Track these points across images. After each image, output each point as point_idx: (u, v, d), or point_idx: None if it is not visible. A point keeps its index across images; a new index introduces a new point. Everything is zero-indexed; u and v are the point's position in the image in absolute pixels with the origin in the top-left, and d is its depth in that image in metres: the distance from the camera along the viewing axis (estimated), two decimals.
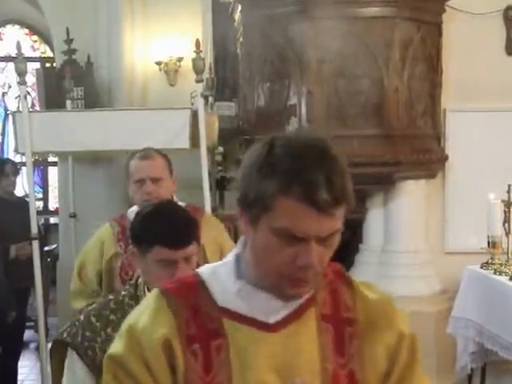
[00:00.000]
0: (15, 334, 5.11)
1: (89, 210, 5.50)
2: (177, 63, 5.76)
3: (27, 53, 8.65)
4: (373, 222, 5.00)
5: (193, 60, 4.39)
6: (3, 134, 9.69)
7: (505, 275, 4.13)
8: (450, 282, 4.78)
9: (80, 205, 5.53)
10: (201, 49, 4.43)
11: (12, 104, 9.47)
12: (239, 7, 4.95)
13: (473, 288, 4.37)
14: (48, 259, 6.56)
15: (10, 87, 9.71)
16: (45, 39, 9.56)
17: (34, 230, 4.43)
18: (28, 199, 4.87)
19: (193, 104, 4.96)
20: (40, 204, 9.41)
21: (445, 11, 4.89)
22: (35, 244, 4.41)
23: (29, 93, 9.91)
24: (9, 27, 9.76)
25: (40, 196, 9.64)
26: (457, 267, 4.59)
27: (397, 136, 4.60)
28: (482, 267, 4.32)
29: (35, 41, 9.95)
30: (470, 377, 4.47)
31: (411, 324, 1.38)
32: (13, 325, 4.77)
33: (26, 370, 5.87)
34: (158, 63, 5.81)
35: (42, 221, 8.12)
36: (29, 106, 4.83)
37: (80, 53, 5.78)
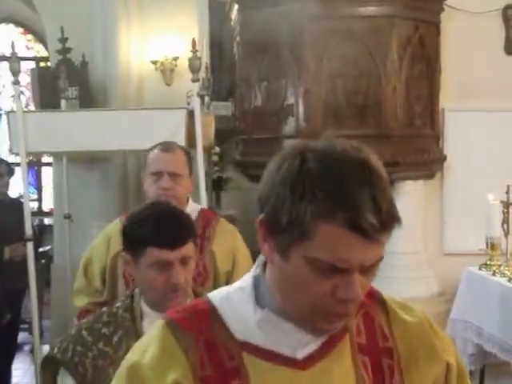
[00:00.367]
0: (9, 337, 5.12)
1: (84, 211, 5.49)
2: (173, 62, 5.75)
3: (21, 52, 8.64)
4: None
5: (189, 59, 4.40)
6: None
7: (504, 276, 4.14)
8: (449, 284, 4.78)
9: (75, 206, 5.52)
10: (197, 48, 4.43)
11: (6, 104, 9.46)
12: (236, 6, 4.96)
13: (471, 289, 4.38)
14: (42, 261, 6.56)
15: (4, 87, 9.70)
16: (39, 38, 9.57)
17: (29, 232, 4.42)
18: (22, 200, 4.87)
19: (189, 104, 4.95)
20: (34, 205, 9.41)
21: (443, 10, 4.91)
22: (29, 245, 4.40)
23: (23, 92, 9.90)
24: (3, 26, 9.76)
25: (34, 197, 9.64)
26: (455, 268, 4.61)
27: (395, 136, 4.61)
28: (481, 268, 4.33)
29: (29, 40, 9.95)
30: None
31: None
32: (7, 327, 4.77)
33: (20, 373, 5.86)
34: (154, 62, 5.80)
35: (37, 222, 8.11)
36: (23, 106, 4.82)
37: (75, 52, 5.76)
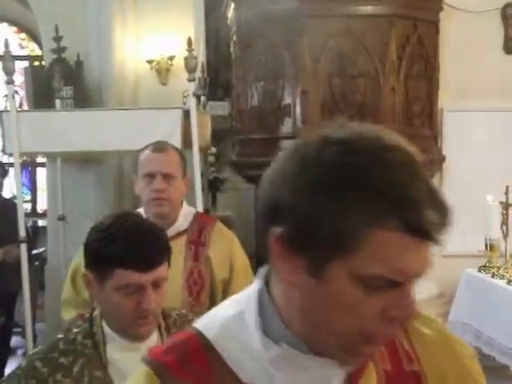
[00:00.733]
0: (2, 340, 5.12)
1: (78, 213, 5.48)
2: (168, 62, 5.75)
3: (15, 51, 8.64)
4: None
5: (185, 58, 4.40)
6: None
7: (503, 278, 4.15)
8: (447, 286, 4.79)
9: (69, 207, 5.52)
10: (193, 47, 4.43)
11: (0, 103, 9.47)
12: (232, 5, 4.97)
13: (470, 291, 4.39)
14: (36, 263, 6.55)
15: None
16: (33, 37, 9.56)
17: (22, 233, 4.41)
18: (16, 201, 4.87)
19: (185, 103, 4.96)
20: (28, 206, 9.41)
21: (442, 9, 4.92)
22: (23, 247, 4.39)
23: (17, 92, 9.89)
24: None
25: (28, 198, 9.63)
26: (454, 270, 4.61)
27: None
28: (480, 270, 4.34)
29: (23, 39, 9.94)
30: None
31: None
32: (0, 330, 4.77)
33: None
34: (150, 62, 5.80)
35: (30, 223, 8.10)
36: (17, 106, 4.81)
37: (69, 51, 5.76)
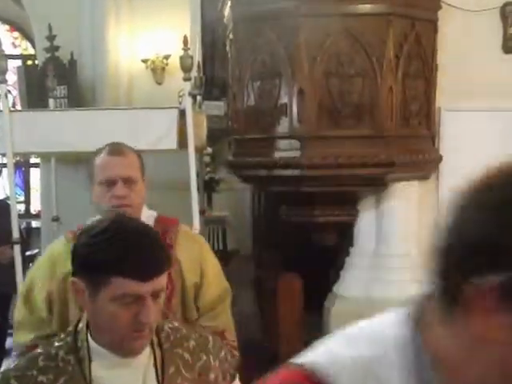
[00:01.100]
0: None
1: (72, 214, 5.45)
2: (164, 61, 5.77)
3: (8, 50, 8.63)
4: (364, 225, 5.00)
5: (180, 57, 4.41)
6: None
7: None
8: None
9: (63, 208, 5.53)
10: (189, 46, 4.45)
11: None
12: (229, 3, 4.97)
13: None
14: (30, 264, 6.53)
15: None
16: (26, 36, 9.56)
17: (16, 234, 4.42)
18: (9, 202, 4.88)
19: (180, 103, 4.98)
20: (21, 207, 9.41)
21: (440, 8, 4.93)
22: (17, 248, 4.41)
23: (10, 91, 9.89)
24: None
25: (21, 199, 9.63)
26: None
27: (390, 136, 4.62)
28: None
29: (16, 37, 9.94)
30: None
31: None
32: None
33: None
34: (145, 61, 5.82)
35: (24, 224, 8.11)
36: (10, 105, 4.82)
37: (63, 50, 5.77)
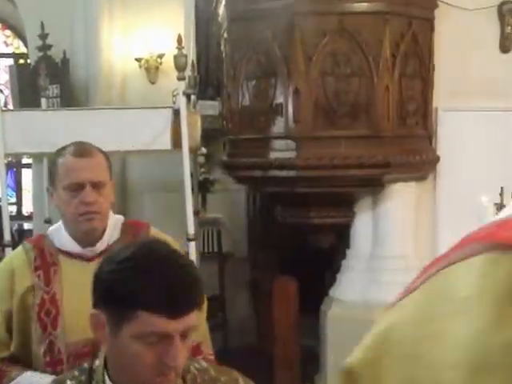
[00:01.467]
0: None
1: None
2: (158, 60, 5.77)
3: (0, 48, 8.64)
4: (360, 227, 5.01)
5: (174, 56, 4.42)
6: None
7: None
8: None
9: (55, 210, 5.51)
10: (183, 45, 4.46)
11: None
12: (223, 1, 4.98)
13: None
14: None
15: None
16: (18, 34, 9.56)
17: (7, 237, 4.42)
18: (0, 203, 4.87)
19: (174, 103, 4.98)
20: (13, 208, 9.40)
21: (437, 6, 4.94)
22: (8, 251, 4.40)
23: (1, 91, 9.91)
24: None
25: (13, 200, 9.63)
26: None
27: (386, 137, 4.63)
28: None
29: (8, 36, 9.94)
30: None
31: None
32: None
33: None
34: (138, 60, 5.82)
35: (16, 226, 8.11)
36: (1, 105, 4.82)
37: (55, 48, 5.77)
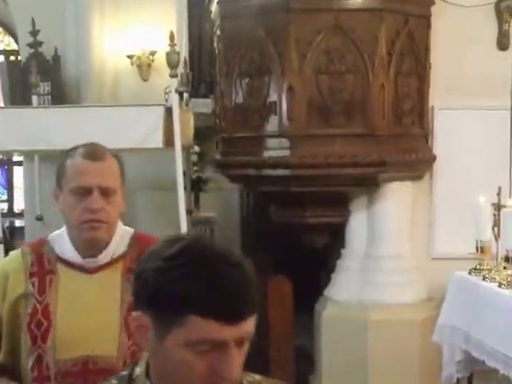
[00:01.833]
0: None
1: (56, 213, 5.44)
2: (150, 57, 5.76)
3: None
4: (356, 226, 5.00)
5: (167, 54, 4.43)
6: None
7: (494, 281, 4.17)
8: (437, 289, 4.82)
9: (47, 207, 5.52)
10: (175, 42, 4.46)
11: None
12: None
13: (460, 295, 4.42)
14: None
15: None
16: (9, 31, 9.54)
17: None
18: None
19: (167, 100, 4.98)
20: (4, 206, 9.40)
21: (434, 3, 4.94)
22: (0, 248, 4.41)
23: None
24: None
25: (4, 197, 9.63)
26: (444, 273, 4.65)
27: (382, 135, 4.64)
28: (470, 273, 4.37)
29: None
30: None
31: (396, 332, 1.22)
32: None
33: None
34: (130, 57, 5.81)
35: (7, 223, 8.10)
36: None
37: (46, 45, 5.76)
